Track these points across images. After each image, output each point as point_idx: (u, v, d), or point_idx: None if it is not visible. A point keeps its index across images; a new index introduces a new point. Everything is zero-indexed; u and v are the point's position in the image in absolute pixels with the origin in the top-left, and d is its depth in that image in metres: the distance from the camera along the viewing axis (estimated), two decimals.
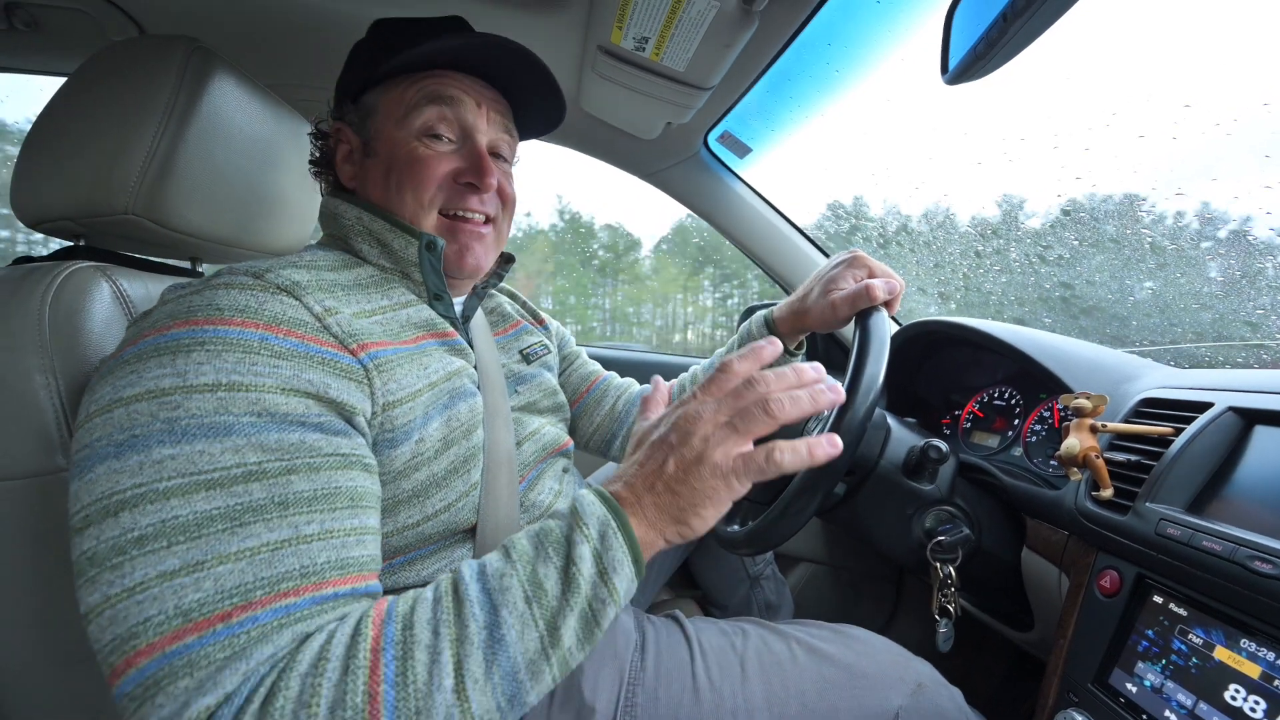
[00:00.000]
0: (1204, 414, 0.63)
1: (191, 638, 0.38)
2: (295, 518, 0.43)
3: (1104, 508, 0.65)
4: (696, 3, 0.71)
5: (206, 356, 0.43)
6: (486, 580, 0.44)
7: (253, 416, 0.43)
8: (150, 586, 0.38)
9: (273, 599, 0.40)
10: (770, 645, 0.65)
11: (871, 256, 0.75)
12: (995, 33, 0.50)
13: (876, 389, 0.60)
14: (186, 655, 0.38)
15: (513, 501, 0.66)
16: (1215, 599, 0.54)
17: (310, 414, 0.46)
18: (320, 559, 0.43)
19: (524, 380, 0.78)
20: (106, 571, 0.39)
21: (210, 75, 0.65)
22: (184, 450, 0.41)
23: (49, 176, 0.61)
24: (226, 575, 0.39)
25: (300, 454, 0.44)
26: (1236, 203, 0.96)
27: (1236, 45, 0.93)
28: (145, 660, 0.37)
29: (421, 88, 0.63)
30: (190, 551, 0.39)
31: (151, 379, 0.43)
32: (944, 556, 0.74)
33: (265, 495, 0.42)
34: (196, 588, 0.39)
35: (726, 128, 1.15)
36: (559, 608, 0.43)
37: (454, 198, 0.64)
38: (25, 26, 0.91)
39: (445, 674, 0.40)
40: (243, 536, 0.40)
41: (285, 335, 0.47)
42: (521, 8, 0.86)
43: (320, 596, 0.42)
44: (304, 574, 0.42)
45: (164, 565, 0.39)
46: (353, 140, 0.66)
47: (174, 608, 0.38)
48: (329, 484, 0.45)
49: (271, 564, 0.41)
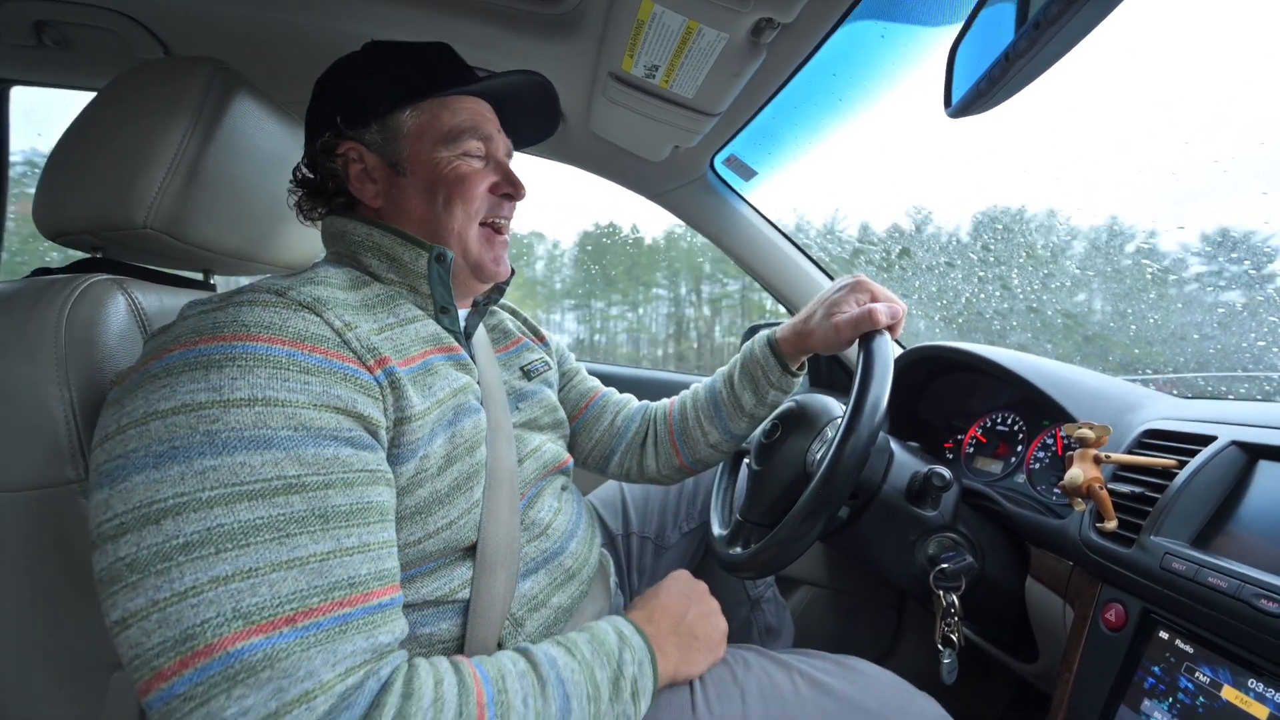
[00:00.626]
0: (1207, 447, 0.63)
1: (258, 638, 0.39)
2: (336, 530, 0.44)
3: (1108, 539, 0.64)
4: (706, 34, 0.73)
5: (239, 371, 0.44)
6: (559, 669, 0.52)
7: (290, 430, 0.44)
8: (204, 590, 0.39)
9: (330, 607, 0.42)
10: (771, 675, 0.64)
11: (874, 280, 0.76)
12: (997, 71, 0.51)
13: (880, 413, 0.60)
14: (262, 650, 0.39)
15: (514, 519, 0.66)
16: (1222, 637, 0.53)
17: (342, 429, 0.47)
18: (363, 571, 0.45)
19: (525, 397, 0.79)
20: (152, 576, 0.39)
21: (231, 95, 0.66)
22: (225, 461, 0.42)
23: (71, 190, 0.63)
24: (281, 582, 0.41)
25: (335, 469, 0.45)
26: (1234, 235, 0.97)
27: (1233, 86, 0.95)
28: (205, 660, 0.38)
29: (456, 110, 0.66)
30: (240, 558, 0.40)
31: (186, 393, 0.43)
32: (947, 585, 0.74)
33: (306, 508, 0.43)
34: (253, 592, 0.40)
35: (732, 151, 1.17)
36: (606, 710, 0.53)
37: (493, 208, 0.69)
38: (55, 44, 0.94)
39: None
40: (290, 546, 0.42)
41: (310, 351, 0.48)
42: (538, 36, 0.88)
43: (369, 607, 0.44)
44: (352, 585, 0.44)
45: (215, 570, 0.39)
46: (370, 159, 0.65)
47: (233, 610, 0.39)
48: (362, 499, 0.47)
49: (322, 574, 0.42)
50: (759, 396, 0.83)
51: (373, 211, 0.67)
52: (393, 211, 0.66)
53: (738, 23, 0.71)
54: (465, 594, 0.59)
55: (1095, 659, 0.63)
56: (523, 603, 0.64)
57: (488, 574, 0.60)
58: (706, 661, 0.64)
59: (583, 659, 0.54)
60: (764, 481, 0.80)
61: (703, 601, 0.69)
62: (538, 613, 0.65)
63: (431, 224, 0.65)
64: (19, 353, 0.51)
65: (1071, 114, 1.14)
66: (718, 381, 0.89)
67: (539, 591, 0.66)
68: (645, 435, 0.94)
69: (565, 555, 0.70)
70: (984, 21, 0.54)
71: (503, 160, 0.70)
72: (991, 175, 1.49)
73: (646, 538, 1.02)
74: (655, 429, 0.94)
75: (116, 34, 0.91)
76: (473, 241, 0.67)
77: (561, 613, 0.68)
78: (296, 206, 0.69)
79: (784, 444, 0.79)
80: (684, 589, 0.69)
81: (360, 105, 0.65)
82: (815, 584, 1.30)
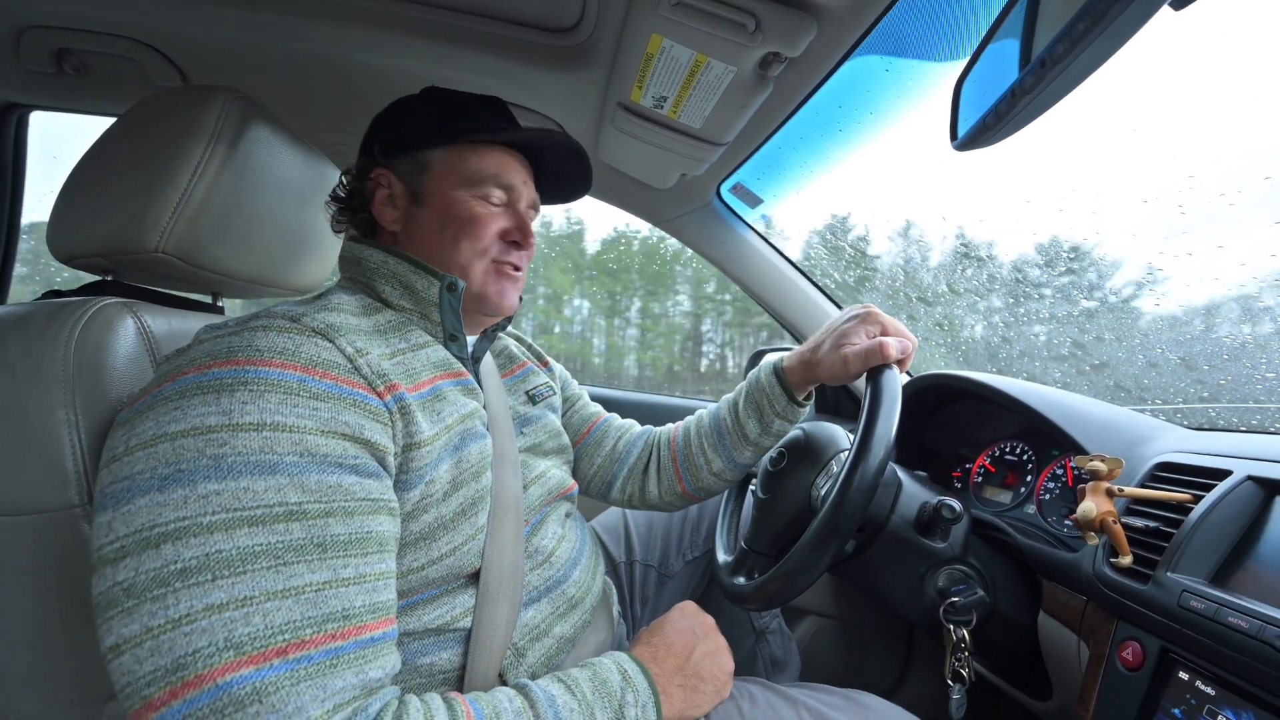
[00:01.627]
0: (1223, 482, 0.62)
1: (248, 669, 0.39)
2: (333, 560, 0.44)
3: (1123, 575, 0.63)
4: (715, 67, 0.74)
5: (250, 396, 0.45)
6: (558, 709, 0.50)
7: (295, 456, 0.44)
8: (197, 619, 0.39)
9: (322, 640, 0.41)
10: (778, 711, 0.63)
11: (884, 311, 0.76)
12: (1004, 106, 0.51)
13: (887, 447, 0.59)
14: (251, 683, 0.38)
15: (518, 547, 0.66)
16: (1244, 679, 0.52)
17: (347, 456, 0.47)
18: (357, 603, 0.44)
19: (530, 422, 0.79)
20: (148, 603, 0.39)
21: (247, 123, 0.68)
22: (229, 486, 0.42)
23: (85, 215, 0.63)
24: (275, 611, 0.40)
25: (337, 497, 0.45)
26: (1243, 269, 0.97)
27: (1237, 121, 0.96)
28: (194, 691, 0.38)
29: (485, 157, 0.69)
30: (236, 586, 0.40)
31: (197, 416, 0.44)
32: (958, 619, 0.72)
33: (305, 536, 0.43)
34: (246, 622, 0.39)
35: (739, 179, 1.18)
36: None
37: (502, 252, 0.70)
38: (74, 71, 0.96)
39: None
40: (287, 575, 0.41)
41: (321, 377, 0.48)
42: (548, 68, 0.90)
43: (361, 641, 0.44)
44: (345, 617, 0.43)
45: (210, 598, 0.39)
46: (396, 187, 0.68)
47: (224, 640, 0.39)
48: (361, 529, 0.46)
49: (316, 604, 0.42)
50: (764, 426, 0.83)
51: (390, 236, 0.69)
52: (407, 238, 0.68)
53: (746, 56, 0.72)
54: (467, 622, 0.59)
55: (1113, 700, 0.61)
56: (525, 632, 0.63)
57: (490, 602, 0.60)
58: (711, 703, 0.62)
59: (583, 699, 0.52)
60: (770, 510, 0.79)
61: (709, 638, 0.67)
62: (540, 642, 0.64)
63: (440, 255, 0.67)
64: (27, 375, 0.51)
65: (1075, 146, 1.16)
66: (723, 409, 0.88)
67: (541, 620, 0.65)
68: (648, 461, 0.93)
69: (568, 584, 0.69)
70: (990, 58, 0.55)
71: (521, 210, 0.72)
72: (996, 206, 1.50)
73: (650, 565, 1.00)
74: (659, 455, 0.93)
75: (136, 62, 0.93)
76: (477, 275, 0.68)
77: (564, 642, 0.67)
78: (333, 218, 0.73)
79: (790, 474, 0.78)
80: (690, 624, 0.67)
81: (400, 139, 0.69)
82: (822, 614, 1.27)
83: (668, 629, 0.66)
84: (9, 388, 0.51)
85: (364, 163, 0.70)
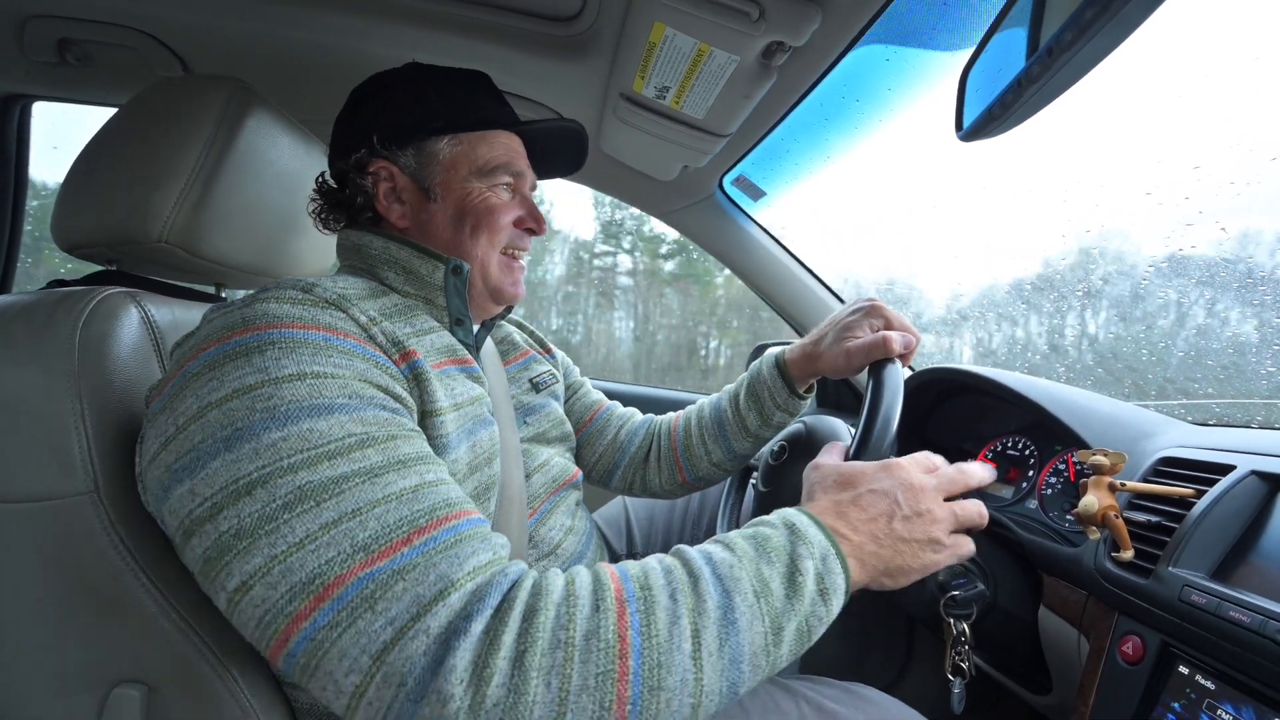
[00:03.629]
0: (1226, 477, 0.61)
1: (383, 562, 0.40)
2: (417, 468, 0.46)
3: (1124, 569, 0.63)
4: (718, 57, 0.74)
5: (281, 353, 0.45)
6: (715, 565, 0.45)
7: (345, 397, 0.46)
8: (317, 537, 0.40)
9: (438, 523, 0.43)
10: (778, 702, 0.63)
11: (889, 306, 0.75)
12: (1010, 95, 0.51)
13: (889, 443, 0.59)
14: (390, 569, 0.40)
15: (522, 536, 0.66)
16: (1245, 673, 0.52)
17: (388, 400, 0.49)
18: (452, 494, 0.46)
19: (533, 410, 0.79)
20: (263, 537, 0.40)
21: (249, 112, 0.67)
22: (292, 430, 0.43)
23: (89, 204, 0.63)
24: (386, 514, 0.42)
25: (395, 427, 0.47)
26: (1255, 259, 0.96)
27: (1243, 109, 0.95)
28: (339, 590, 0.39)
29: (493, 144, 0.68)
30: (341, 503, 0.41)
31: (234, 380, 0.44)
32: (958, 612, 0.72)
33: (381, 457, 0.44)
34: (363, 528, 0.41)
35: (741, 171, 1.18)
36: (784, 609, 0.45)
37: (515, 239, 0.70)
38: (77, 61, 0.96)
39: (684, 637, 0.41)
40: (382, 485, 0.43)
41: (344, 337, 0.49)
42: (550, 56, 0.89)
43: (474, 519, 0.46)
44: (449, 504, 0.45)
45: (322, 518, 0.41)
46: (401, 181, 0.66)
47: (350, 545, 0.40)
48: (422, 449, 0.48)
49: (419, 499, 0.44)
50: (764, 418, 0.83)
51: (397, 231, 0.68)
52: (417, 233, 0.67)
53: (749, 46, 0.71)
54: None
55: (1112, 693, 0.61)
56: None
57: None
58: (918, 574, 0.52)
59: (743, 553, 0.46)
60: (771, 503, 0.79)
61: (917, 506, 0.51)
62: None
63: (455, 249, 0.67)
64: (34, 364, 0.51)
65: (1078, 135, 1.15)
66: (723, 400, 0.88)
67: None
68: (649, 450, 0.94)
69: None
70: (996, 47, 0.55)
71: (528, 195, 0.72)
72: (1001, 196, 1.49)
73: None
74: (659, 444, 0.93)
75: (137, 52, 0.93)
76: (493, 268, 0.68)
77: None
78: (315, 215, 0.70)
79: (791, 468, 0.78)
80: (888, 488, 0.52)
81: (399, 127, 0.66)
82: None
83: (860, 487, 0.52)
84: (15, 376, 0.51)
85: (361, 155, 0.65)
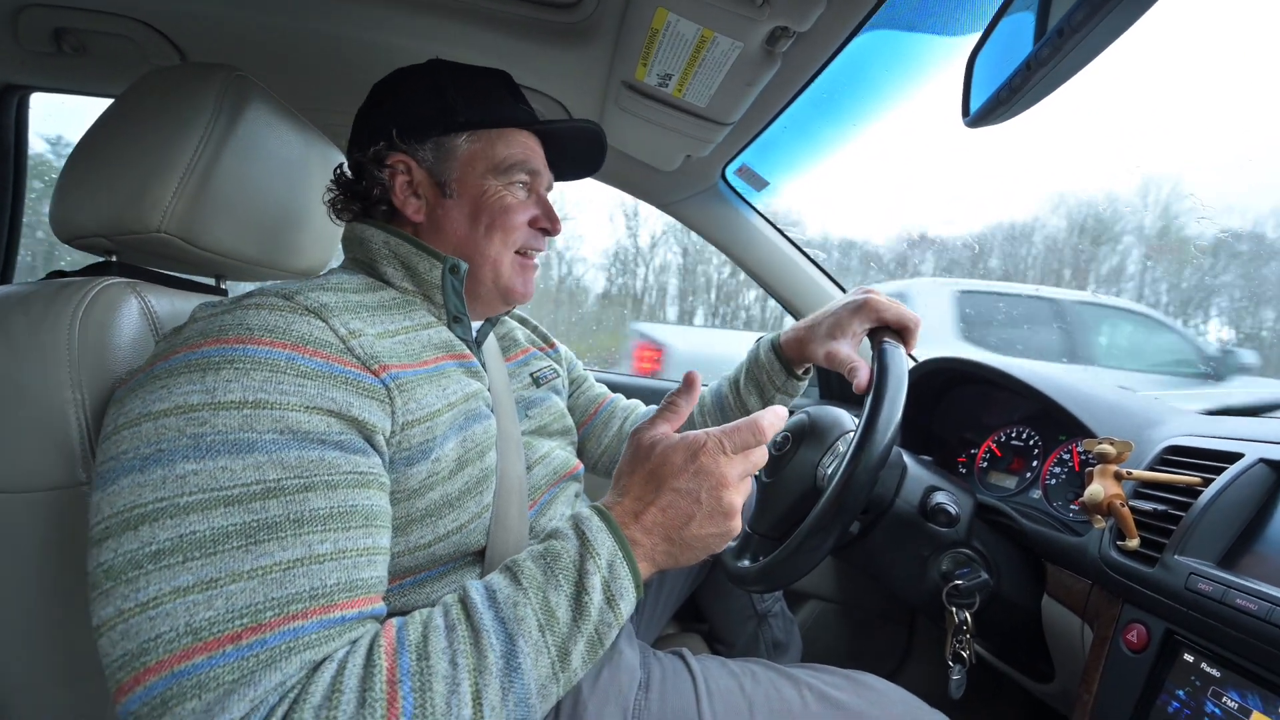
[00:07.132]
0: (1234, 465, 0.61)
1: (200, 658, 0.38)
2: (309, 536, 0.43)
3: (1130, 558, 0.63)
4: (721, 43, 0.73)
5: (235, 374, 0.44)
6: (499, 608, 0.45)
7: (275, 434, 0.44)
8: (163, 602, 0.39)
9: (282, 621, 0.40)
10: (780, 690, 0.63)
11: (884, 293, 0.75)
12: (1018, 80, 0.50)
13: (893, 431, 0.59)
14: (195, 676, 0.37)
15: (522, 527, 0.66)
16: (1250, 660, 0.52)
17: (331, 432, 0.47)
18: (330, 580, 0.43)
19: (534, 404, 0.80)
20: (121, 585, 0.39)
21: (246, 102, 0.67)
22: (207, 466, 0.42)
23: (87, 195, 0.63)
24: (238, 594, 0.40)
25: (319, 471, 0.45)
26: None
27: None
28: (154, 678, 0.37)
29: (511, 142, 0.67)
30: (205, 568, 0.40)
31: (180, 394, 0.43)
32: (960, 601, 0.72)
33: (282, 512, 0.42)
34: (208, 605, 0.39)
35: (744, 161, 1.17)
36: (570, 634, 0.45)
37: (530, 239, 0.70)
38: (73, 51, 0.95)
39: (464, 704, 0.41)
40: (256, 555, 0.41)
41: (311, 355, 0.48)
42: (550, 45, 0.88)
43: (328, 620, 0.42)
44: (313, 596, 0.42)
45: (178, 581, 0.39)
46: (417, 174, 0.66)
47: (185, 625, 0.38)
48: (345, 502, 0.45)
49: (283, 584, 0.41)
50: (765, 401, 0.84)
51: (410, 226, 0.67)
52: (431, 228, 0.67)
53: (753, 31, 0.70)
54: None
55: (1116, 681, 0.61)
56: None
57: None
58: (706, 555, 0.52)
59: (531, 582, 0.46)
60: (774, 494, 0.79)
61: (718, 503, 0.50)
62: None
63: (469, 247, 0.66)
64: (33, 355, 0.51)
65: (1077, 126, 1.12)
66: (724, 386, 0.89)
67: None
68: None
69: None
70: (1004, 30, 0.54)
71: (544, 195, 0.72)
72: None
73: None
74: None
75: (134, 41, 0.92)
76: (506, 268, 0.68)
77: None
78: (330, 205, 0.70)
79: (794, 456, 0.78)
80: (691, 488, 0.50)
81: (419, 122, 0.65)
82: (824, 598, 1.28)
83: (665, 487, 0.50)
84: (14, 367, 0.51)
85: (380, 148, 0.65)
